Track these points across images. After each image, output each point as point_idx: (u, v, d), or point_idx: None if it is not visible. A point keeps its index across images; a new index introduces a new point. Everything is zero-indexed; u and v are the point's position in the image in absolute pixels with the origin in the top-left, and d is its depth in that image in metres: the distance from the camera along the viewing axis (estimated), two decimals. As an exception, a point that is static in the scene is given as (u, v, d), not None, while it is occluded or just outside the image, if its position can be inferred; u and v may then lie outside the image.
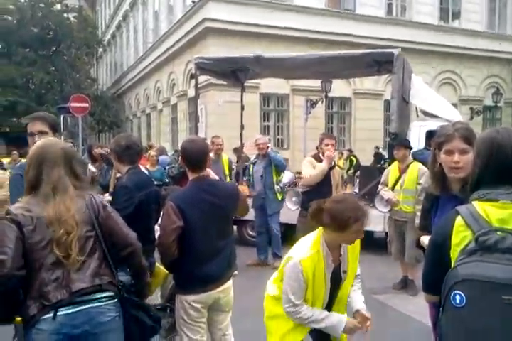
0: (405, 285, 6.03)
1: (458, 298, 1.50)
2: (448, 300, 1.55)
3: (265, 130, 17.08)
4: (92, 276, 2.15)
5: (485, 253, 1.53)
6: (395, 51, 7.51)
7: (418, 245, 2.44)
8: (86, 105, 14.35)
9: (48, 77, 26.13)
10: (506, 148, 1.71)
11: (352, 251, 2.71)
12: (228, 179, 7.74)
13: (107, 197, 3.77)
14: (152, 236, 3.65)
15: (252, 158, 7.41)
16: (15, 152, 14.05)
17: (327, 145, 5.64)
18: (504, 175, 1.70)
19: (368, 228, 6.83)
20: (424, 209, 2.55)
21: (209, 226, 2.87)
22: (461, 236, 1.65)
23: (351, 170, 16.08)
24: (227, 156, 8.19)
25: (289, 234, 6.12)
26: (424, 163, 7.65)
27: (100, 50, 33.95)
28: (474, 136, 2.15)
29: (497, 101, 19.45)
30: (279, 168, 6.95)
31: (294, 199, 6.70)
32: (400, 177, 5.84)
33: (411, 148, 6.09)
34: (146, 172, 7.05)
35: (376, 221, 7.44)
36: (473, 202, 1.70)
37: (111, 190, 5.22)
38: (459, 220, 1.67)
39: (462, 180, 2.18)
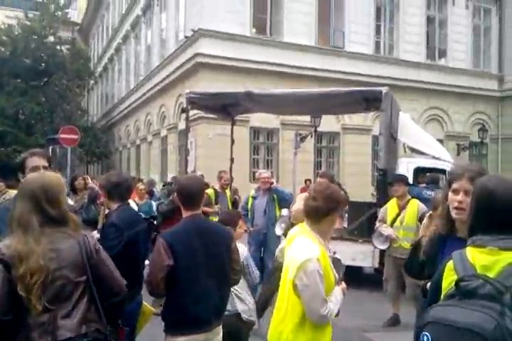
0: (396, 322, 5.95)
1: (425, 339, 1.55)
2: (418, 340, 1.60)
3: (255, 163, 17.15)
4: (79, 323, 2.08)
5: (463, 298, 1.56)
6: (384, 89, 7.66)
7: (423, 289, 2.42)
8: (76, 137, 14.38)
9: (39, 107, 26.16)
10: (497, 196, 1.74)
11: None
12: None
13: (95, 234, 3.73)
14: (140, 275, 3.61)
15: (252, 192, 7.35)
16: (1, 183, 13.81)
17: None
18: (494, 222, 1.73)
19: (356, 263, 6.82)
20: (429, 256, 2.48)
21: (199, 267, 2.83)
22: (449, 280, 1.70)
23: (340, 205, 16.06)
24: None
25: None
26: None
27: (92, 81, 34.24)
28: None
29: (483, 137, 19.76)
30: (286, 202, 6.85)
31: (283, 225, 6.54)
32: (399, 214, 5.83)
33: (409, 185, 6.12)
34: (134, 205, 7.02)
35: (365, 256, 7.43)
36: (467, 248, 1.74)
37: (99, 226, 5.13)
38: (449, 264, 1.73)
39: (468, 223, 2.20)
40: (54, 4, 28.31)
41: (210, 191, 7.77)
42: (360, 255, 7.55)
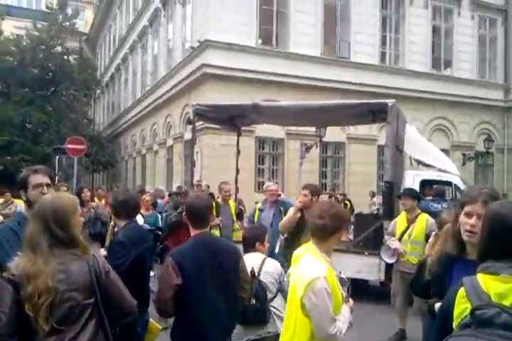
0: (402, 338, 5.90)
1: None
2: None
3: (260, 173, 17.17)
4: None
5: (479, 328, 1.54)
6: (390, 102, 7.70)
7: (430, 310, 2.41)
8: (82, 147, 14.46)
9: (45, 117, 26.36)
10: (509, 222, 1.73)
11: None
12: (236, 224, 7.81)
13: (103, 252, 3.75)
14: (147, 292, 3.61)
15: (259, 204, 7.35)
16: (8, 193, 13.76)
17: (304, 195, 5.66)
18: (506, 249, 1.72)
19: (362, 276, 6.78)
20: (436, 275, 2.50)
21: (208, 285, 2.84)
22: (462, 308, 1.67)
23: (346, 215, 16.01)
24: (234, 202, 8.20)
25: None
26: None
27: (98, 91, 34.47)
28: None
29: (489, 147, 19.71)
30: None
31: (278, 244, 6.52)
32: (408, 228, 5.81)
33: (419, 199, 6.08)
34: (140, 217, 7.01)
35: (370, 269, 7.39)
36: (477, 274, 1.72)
37: (106, 244, 5.13)
38: (461, 291, 1.70)
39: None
40: (62, 15, 28.62)
41: None
42: (366, 268, 7.53)
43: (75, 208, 2.34)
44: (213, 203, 7.52)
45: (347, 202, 16.41)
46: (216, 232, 7.35)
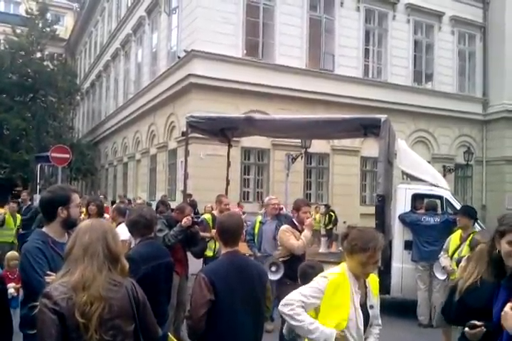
0: None
1: None
2: None
3: (245, 183, 17.19)
4: None
5: None
6: (382, 117, 7.81)
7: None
8: (67, 156, 14.23)
9: (24, 123, 25.94)
10: None
11: (374, 286, 2.83)
12: None
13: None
14: (161, 309, 3.60)
15: (260, 217, 7.34)
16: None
17: (305, 212, 5.72)
18: None
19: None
20: (480, 305, 2.45)
21: (237, 304, 2.87)
22: None
23: (330, 226, 16.17)
24: None
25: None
26: (411, 226, 7.85)
27: (78, 98, 34.09)
28: None
29: (468, 159, 20.15)
30: None
31: (273, 269, 5.99)
32: (459, 246, 5.74)
33: (476, 219, 5.95)
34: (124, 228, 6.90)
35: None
36: None
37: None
38: None
39: None
40: (42, 20, 28.33)
41: (207, 216, 7.71)
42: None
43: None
44: (210, 216, 7.58)
45: (331, 213, 16.57)
46: (212, 245, 7.35)
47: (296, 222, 5.73)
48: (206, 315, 2.77)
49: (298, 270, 3.86)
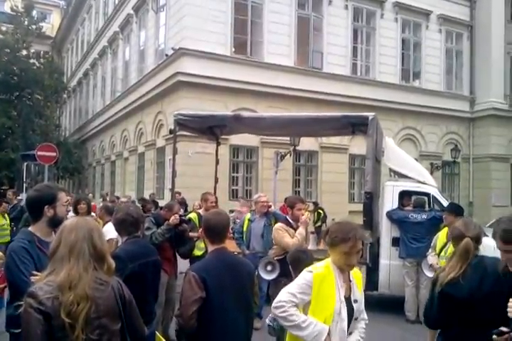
0: None
1: None
2: None
3: (234, 181, 17.17)
4: None
5: None
6: (370, 115, 7.87)
7: None
8: (53, 154, 14.14)
9: (10, 121, 25.68)
10: None
11: (358, 281, 2.88)
12: None
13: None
14: (148, 307, 3.59)
15: (249, 215, 7.30)
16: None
17: (300, 209, 5.70)
18: None
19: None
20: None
21: (228, 301, 2.87)
22: None
23: (318, 223, 16.23)
24: None
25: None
26: (399, 223, 7.91)
27: (65, 96, 33.80)
28: None
29: (455, 157, 20.30)
30: None
31: (269, 268, 5.97)
32: (446, 244, 5.72)
33: (462, 216, 5.93)
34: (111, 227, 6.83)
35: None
36: None
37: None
38: None
39: None
40: (28, 18, 28.05)
41: (193, 215, 7.50)
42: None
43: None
44: (196, 215, 7.49)
45: (320, 210, 16.62)
46: (201, 244, 7.28)
47: (290, 220, 5.71)
48: (197, 313, 2.76)
49: (288, 257, 3.82)
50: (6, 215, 9.87)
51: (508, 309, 2.19)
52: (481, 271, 2.65)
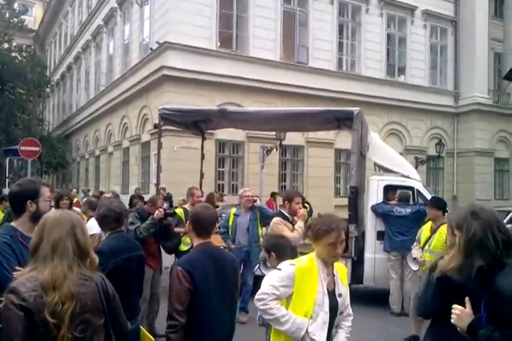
0: None
1: None
2: None
3: (220, 176, 17.14)
4: None
5: None
6: (355, 110, 7.89)
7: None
8: (36, 149, 13.99)
9: (-9, 116, 25.31)
10: None
11: (342, 275, 2.90)
12: None
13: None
14: (132, 302, 3.57)
15: (234, 209, 7.26)
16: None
17: (298, 203, 5.67)
18: None
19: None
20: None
21: (213, 295, 2.87)
22: None
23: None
24: None
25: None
26: (383, 216, 7.96)
27: (48, 90, 33.38)
28: None
29: (440, 151, 20.50)
30: (269, 220, 6.82)
31: (268, 264, 6.32)
32: (430, 237, 5.77)
33: (445, 210, 5.94)
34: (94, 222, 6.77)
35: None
36: None
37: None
38: None
39: None
40: (9, 10, 27.60)
41: (179, 210, 7.36)
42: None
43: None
44: (182, 210, 7.42)
45: (306, 204, 16.62)
46: (187, 239, 7.22)
47: (286, 213, 5.67)
48: (186, 307, 2.76)
49: (268, 244, 3.81)
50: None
51: (452, 316, 2.21)
52: None
